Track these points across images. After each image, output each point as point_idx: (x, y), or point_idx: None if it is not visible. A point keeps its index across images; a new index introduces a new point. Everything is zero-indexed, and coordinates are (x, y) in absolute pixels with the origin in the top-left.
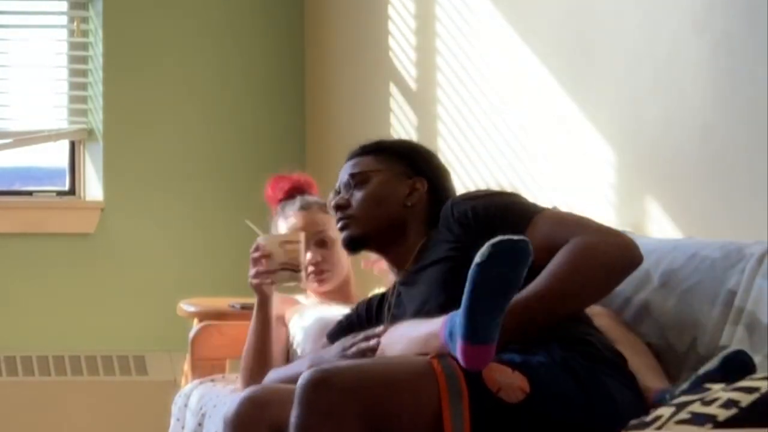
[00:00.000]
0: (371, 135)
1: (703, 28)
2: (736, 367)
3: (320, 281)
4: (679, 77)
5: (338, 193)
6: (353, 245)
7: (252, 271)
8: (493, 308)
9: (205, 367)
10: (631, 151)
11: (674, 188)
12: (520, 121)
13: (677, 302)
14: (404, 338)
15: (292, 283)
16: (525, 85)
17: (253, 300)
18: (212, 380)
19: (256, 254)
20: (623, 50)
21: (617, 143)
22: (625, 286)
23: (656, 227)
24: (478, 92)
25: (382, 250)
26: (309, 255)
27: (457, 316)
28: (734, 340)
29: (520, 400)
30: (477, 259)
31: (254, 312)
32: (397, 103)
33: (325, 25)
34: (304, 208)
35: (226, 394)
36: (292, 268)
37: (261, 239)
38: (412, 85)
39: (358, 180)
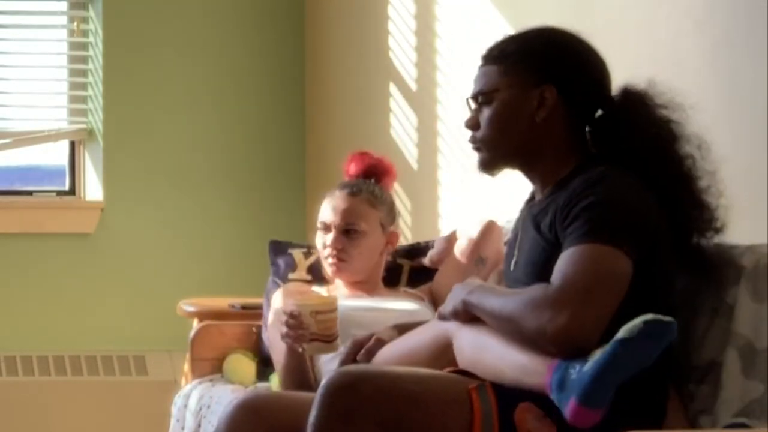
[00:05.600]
0: (371, 135)
1: (703, 28)
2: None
3: (337, 266)
4: (679, 77)
5: (470, 106)
6: (486, 168)
7: (283, 330)
8: (617, 379)
9: (205, 367)
10: None
11: None
12: None
13: (675, 314)
14: (496, 356)
15: (323, 354)
16: None
17: (253, 300)
18: (212, 380)
19: (290, 323)
20: (623, 50)
21: None
22: None
23: None
24: None
25: (520, 168)
26: (332, 238)
27: (572, 369)
28: (727, 357)
29: None
30: (623, 334)
31: (287, 363)
32: (397, 103)
33: (325, 25)
34: (353, 193)
35: (226, 394)
36: (324, 339)
37: (295, 307)
38: (412, 85)
39: (482, 100)
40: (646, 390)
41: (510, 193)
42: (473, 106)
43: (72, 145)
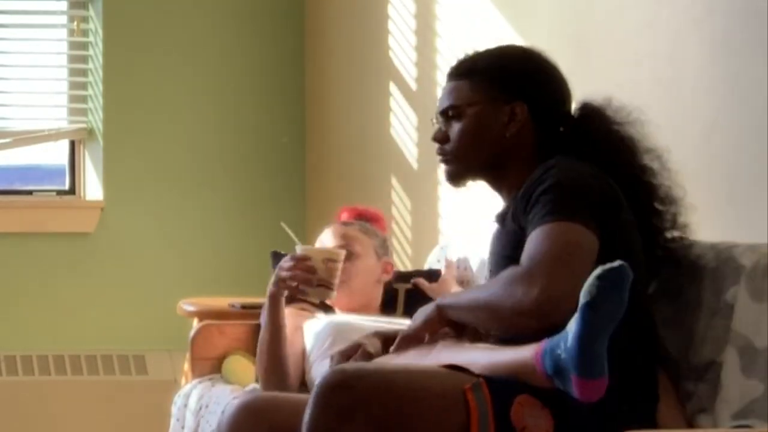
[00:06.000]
0: (371, 135)
1: (703, 28)
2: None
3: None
4: (679, 77)
5: (438, 120)
6: (454, 180)
7: (285, 275)
8: (604, 340)
9: (205, 367)
10: None
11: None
12: None
13: (674, 314)
14: (478, 362)
15: (323, 299)
16: None
17: (253, 300)
18: (211, 380)
19: (301, 265)
20: (623, 50)
21: None
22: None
23: None
24: None
25: (487, 180)
26: None
27: (558, 349)
28: (727, 356)
29: None
30: (585, 298)
31: (267, 316)
32: (397, 103)
33: (325, 25)
34: (345, 224)
35: (225, 394)
36: (328, 286)
37: (305, 251)
38: (412, 85)
39: (453, 113)
40: (633, 370)
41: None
42: (441, 120)
43: (72, 144)
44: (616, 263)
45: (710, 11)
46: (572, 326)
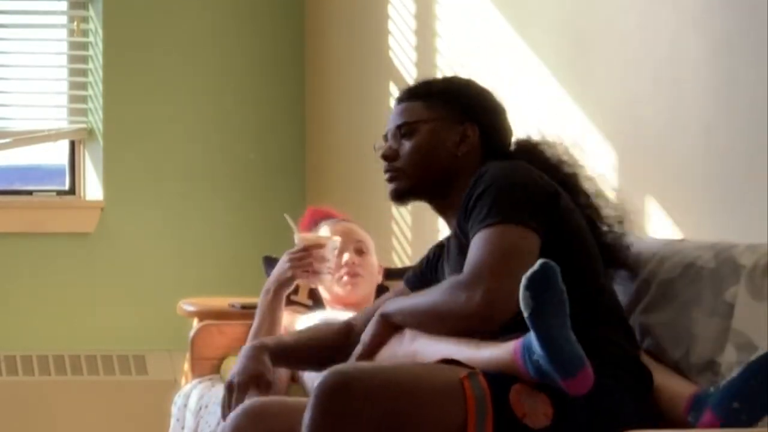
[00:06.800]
0: (371, 135)
1: (703, 28)
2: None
3: (353, 284)
4: (679, 77)
5: (386, 140)
6: (401, 198)
7: (297, 263)
8: (567, 333)
9: (205, 367)
10: (631, 151)
11: (674, 188)
12: (519, 120)
13: (675, 314)
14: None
15: (324, 285)
16: (525, 84)
17: (253, 300)
18: (211, 380)
19: (318, 253)
20: (623, 50)
21: (617, 143)
22: (623, 296)
23: (656, 227)
24: None
25: (431, 201)
26: (346, 256)
27: (533, 354)
28: (725, 355)
29: (544, 426)
30: (525, 311)
31: (267, 309)
32: None
33: (325, 25)
34: (344, 220)
35: None
36: (333, 274)
37: (304, 239)
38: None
39: (405, 130)
40: (611, 343)
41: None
42: (391, 139)
43: (72, 144)
44: (536, 265)
45: (710, 11)
46: (532, 336)
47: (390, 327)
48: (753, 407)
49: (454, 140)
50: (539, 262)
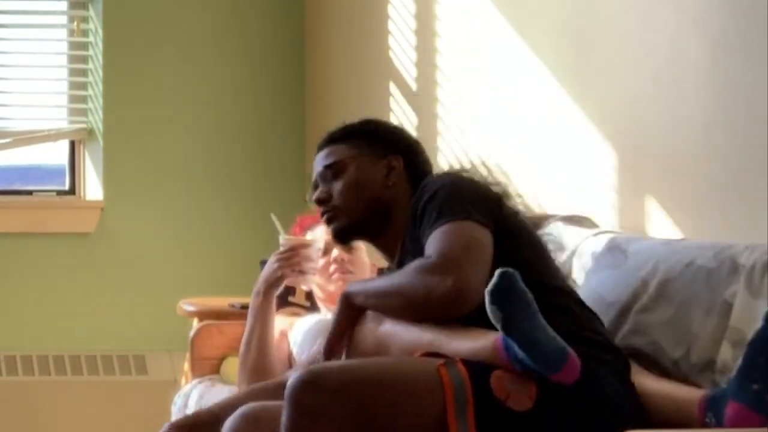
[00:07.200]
0: None
1: (703, 28)
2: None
3: (344, 279)
4: (679, 77)
5: (317, 187)
6: (343, 236)
7: (285, 263)
8: (542, 328)
9: (205, 367)
10: (631, 151)
11: (674, 188)
12: (519, 120)
13: (674, 313)
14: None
15: (309, 284)
16: (525, 84)
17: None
18: (211, 380)
19: (304, 253)
20: (623, 50)
21: (617, 143)
22: (622, 296)
23: (656, 227)
24: (478, 92)
25: (373, 237)
26: (335, 252)
27: (519, 354)
28: (724, 353)
29: (528, 408)
30: (498, 324)
31: (259, 312)
32: (397, 103)
33: (325, 25)
34: None
35: (225, 394)
36: (315, 272)
37: (289, 241)
38: (412, 85)
39: (334, 170)
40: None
41: (509, 192)
42: (321, 183)
43: (72, 144)
44: (494, 278)
45: (710, 11)
46: (511, 343)
47: (353, 308)
48: None
49: (381, 173)
50: (496, 273)
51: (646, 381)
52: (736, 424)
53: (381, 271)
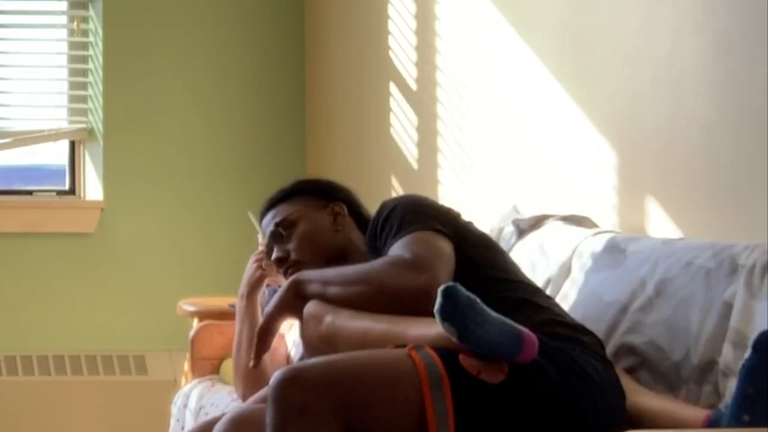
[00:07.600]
0: (371, 135)
1: (703, 28)
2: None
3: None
4: (679, 77)
5: (271, 249)
6: None
7: (264, 263)
8: (494, 330)
9: (205, 367)
10: (631, 151)
11: (674, 188)
12: (520, 121)
13: (672, 312)
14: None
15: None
16: (525, 84)
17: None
18: (211, 380)
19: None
20: (623, 50)
21: (617, 143)
22: (621, 295)
23: (655, 227)
24: (479, 92)
25: None
26: None
27: (484, 351)
28: (724, 355)
29: (501, 381)
30: (454, 337)
31: (247, 315)
32: (397, 103)
33: (325, 25)
34: None
35: (223, 397)
36: None
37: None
38: (412, 85)
39: (285, 226)
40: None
41: (510, 192)
42: (275, 245)
43: (72, 144)
44: (438, 297)
45: (710, 11)
46: (471, 346)
47: (298, 296)
48: (761, 416)
49: (329, 220)
50: (439, 291)
51: (646, 400)
52: None
53: None
